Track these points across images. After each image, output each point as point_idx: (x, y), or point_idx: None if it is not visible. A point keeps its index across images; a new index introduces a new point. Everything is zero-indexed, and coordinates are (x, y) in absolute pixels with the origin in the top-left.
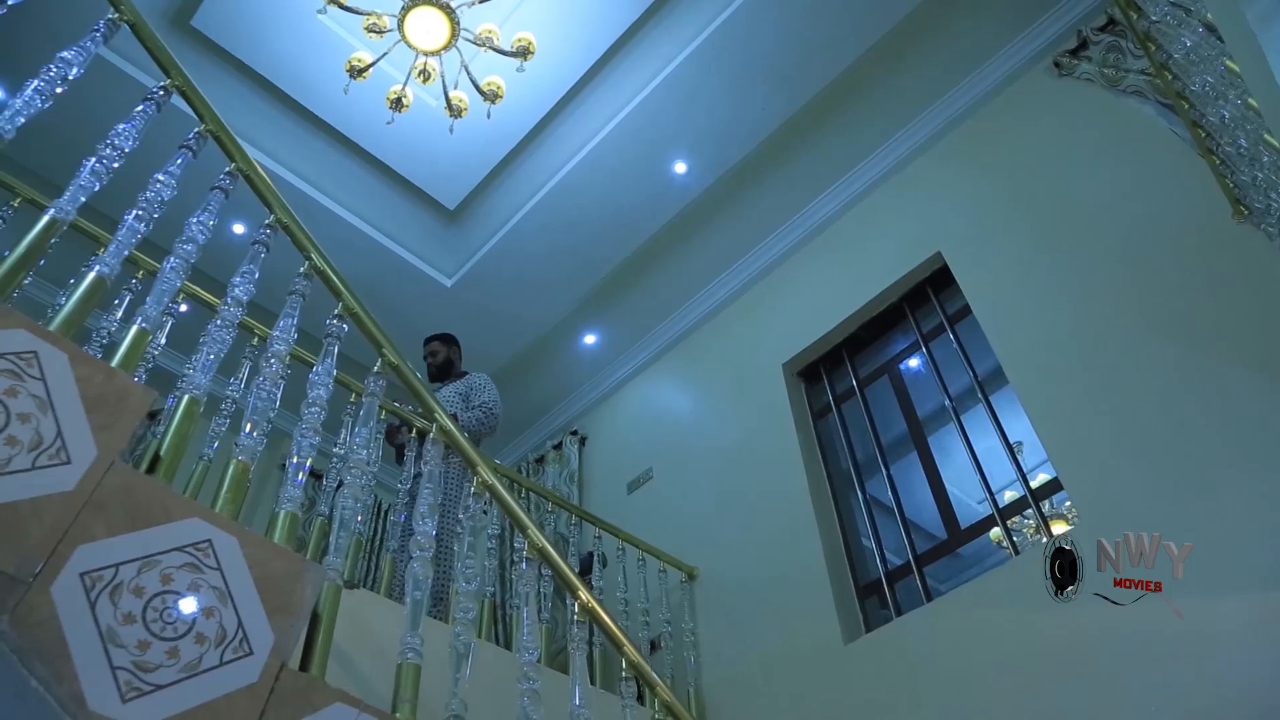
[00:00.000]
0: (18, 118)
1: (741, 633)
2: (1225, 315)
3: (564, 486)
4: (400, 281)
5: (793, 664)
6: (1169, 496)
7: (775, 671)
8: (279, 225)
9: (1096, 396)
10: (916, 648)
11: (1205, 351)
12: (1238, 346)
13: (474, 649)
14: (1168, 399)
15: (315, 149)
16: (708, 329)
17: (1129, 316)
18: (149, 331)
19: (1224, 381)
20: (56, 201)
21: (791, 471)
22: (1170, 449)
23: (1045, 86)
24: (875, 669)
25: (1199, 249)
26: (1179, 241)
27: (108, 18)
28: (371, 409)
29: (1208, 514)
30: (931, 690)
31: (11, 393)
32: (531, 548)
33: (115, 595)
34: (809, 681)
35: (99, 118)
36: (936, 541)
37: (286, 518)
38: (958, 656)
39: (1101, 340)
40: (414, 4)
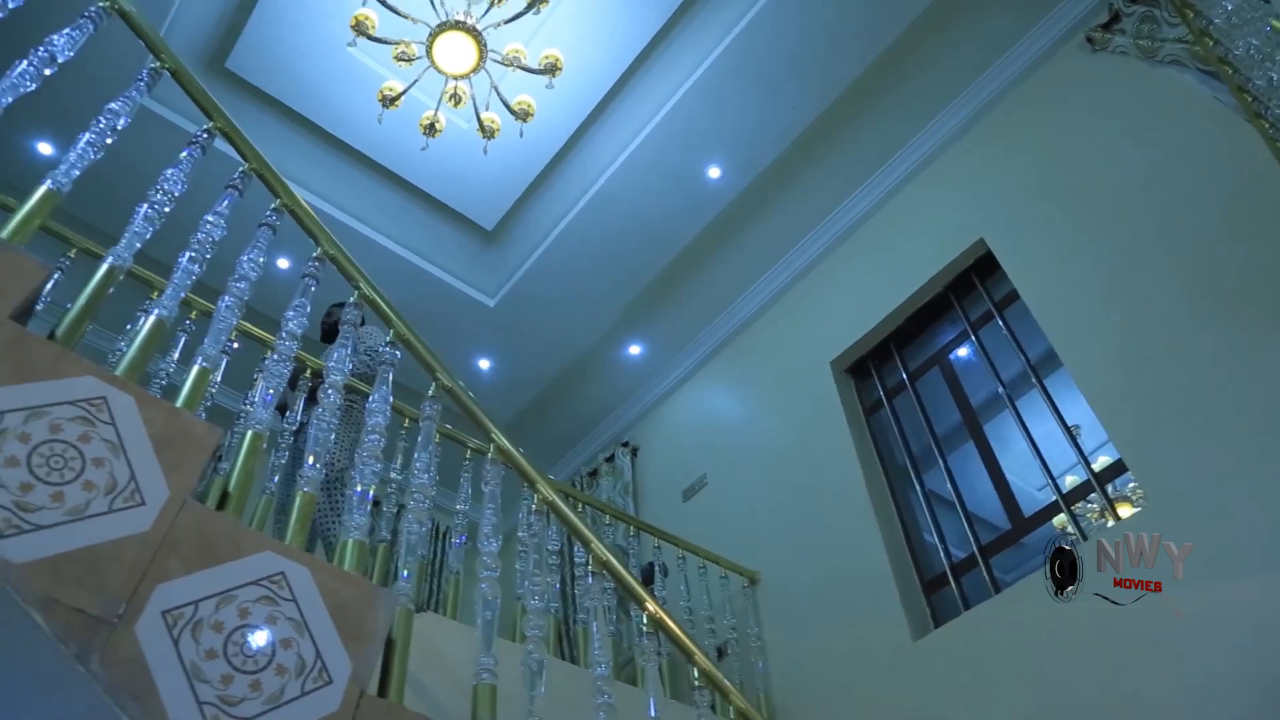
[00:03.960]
0: (73, 170)
1: (808, 635)
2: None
3: (619, 498)
4: (444, 305)
5: (862, 663)
6: (1237, 471)
7: (845, 672)
8: (326, 257)
9: (1155, 373)
10: (988, 640)
11: (1265, 320)
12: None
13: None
14: (1229, 370)
15: (352, 180)
16: (752, 332)
17: (1182, 288)
18: (209, 370)
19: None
20: (113, 249)
21: (847, 470)
22: (1235, 422)
23: (1079, 63)
24: (947, 664)
25: (1250, 216)
26: (1229, 210)
27: (150, 66)
28: (429, 433)
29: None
30: (1007, 682)
31: (85, 439)
32: (596, 561)
33: (196, 631)
34: (880, 680)
35: (137, 163)
36: (1000, 532)
37: (354, 546)
38: (1031, 646)
39: (1156, 314)
40: (441, 29)
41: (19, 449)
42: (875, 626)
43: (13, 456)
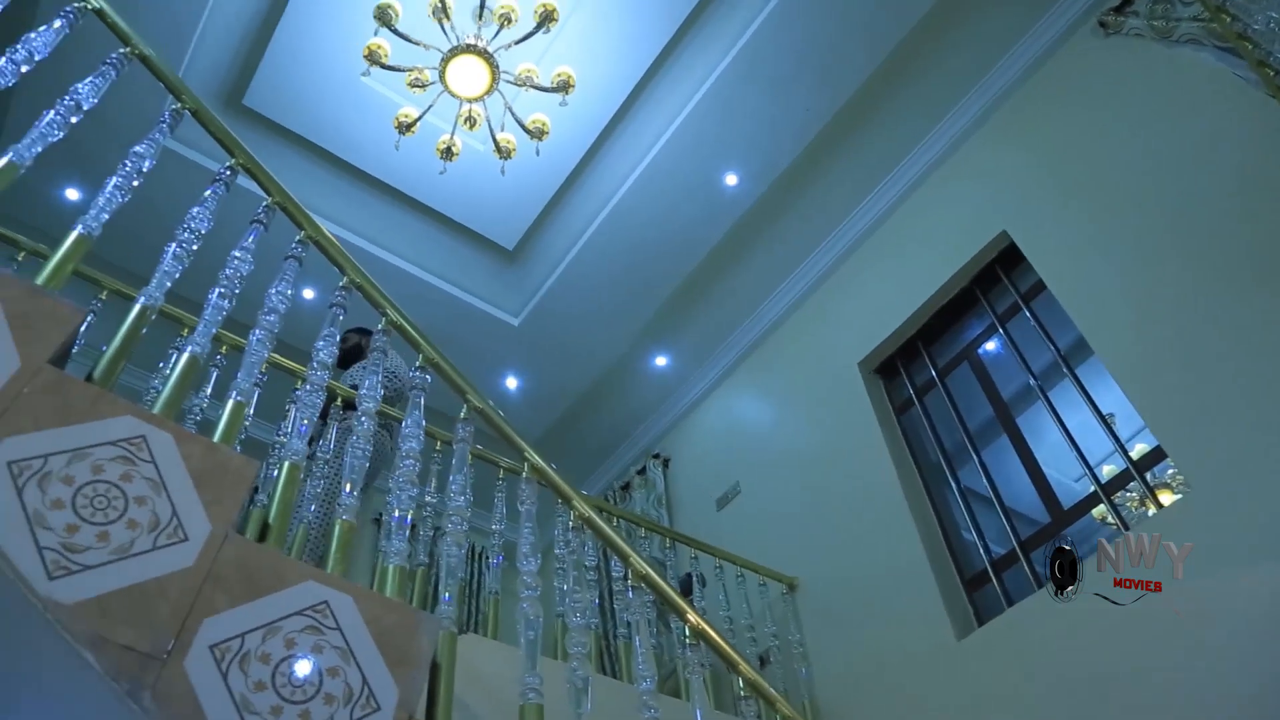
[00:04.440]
0: (102, 214)
1: (850, 639)
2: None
3: (653, 510)
4: (469, 326)
5: (907, 665)
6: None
7: (889, 674)
8: (352, 285)
9: (1189, 355)
10: (1033, 636)
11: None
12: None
13: (590, 682)
14: (1262, 347)
15: (373, 207)
16: (777, 337)
17: (1211, 266)
18: (244, 404)
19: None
20: (145, 290)
21: (880, 470)
22: (1273, 399)
23: (1093, 48)
24: (993, 662)
25: (1277, 189)
26: (1255, 185)
27: (172, 108)
28: (463, 455)
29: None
30: (1054, 678)
31: (126, 477)
32: (635, 575)
33: (244, 664)
34: (926, 681)
35: (162, 203)
36: (1039, 526)
37: (395, 571)
38: (1078, 640)
39: (1186, 295)
40: (453, 54)
41: (63, 491)
42: (918, 627)
43: (58, 499)
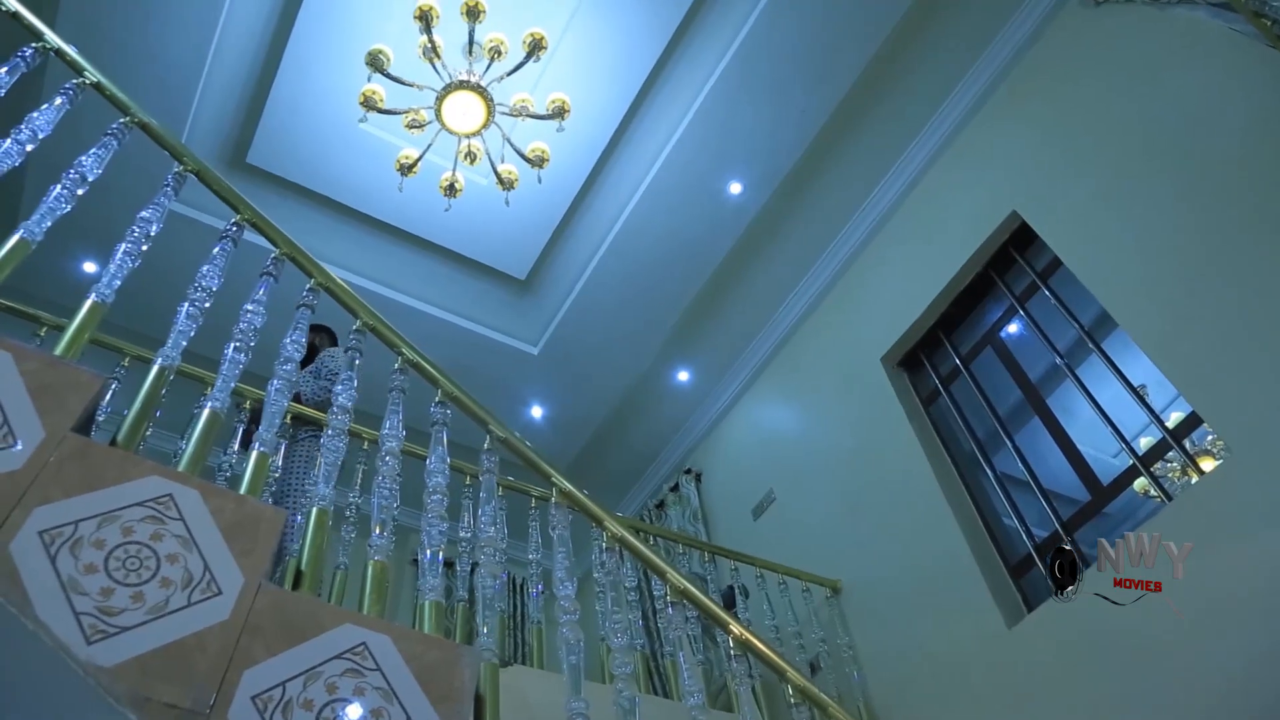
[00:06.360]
0: (114, 281)
1: (899, 637)
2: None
3: (689, 526)
4: (488, 359)
5: (959, 658)
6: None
7: (943, 669)
8: (366, 328)
9: (1214, 317)
10: (1085, 619)
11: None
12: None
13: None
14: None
15: (382, 250)
16: (797, 340)
17: (1227, 225)
18: (268, 455)
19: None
20: (161, 350)
21: (914, 464)
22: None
23: (1083, 18)
24: (1046, 648)
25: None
26: (1262, 138)
27: (175, 171)
28: (490, 486)
29: None
30: (1110, 659)
31: (157, 537)
32: (674, 591)
33: (288, 713)
34: (980, 672)
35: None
36: (1080, 504)
37: (432, 607)
38: (1131, 618)
39: (1206, 257)
40: (447, 91)
41: (95, 555)
42: (967, 619)
43: (91, 563)
